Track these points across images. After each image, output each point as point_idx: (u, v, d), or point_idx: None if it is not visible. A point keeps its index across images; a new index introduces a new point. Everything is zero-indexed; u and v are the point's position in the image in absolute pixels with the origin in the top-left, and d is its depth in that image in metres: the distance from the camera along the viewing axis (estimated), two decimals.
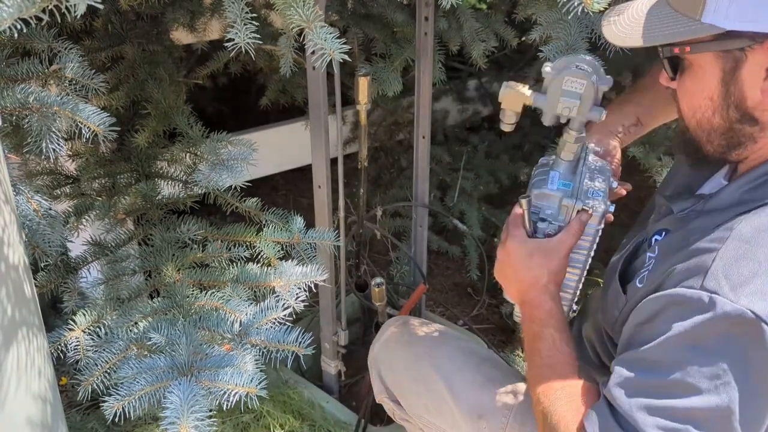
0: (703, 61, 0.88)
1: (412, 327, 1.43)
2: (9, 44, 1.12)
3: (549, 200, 1.08)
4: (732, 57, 0.85)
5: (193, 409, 0.84)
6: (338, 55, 0.81)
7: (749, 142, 0.90)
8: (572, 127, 1.08)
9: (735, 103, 0.88)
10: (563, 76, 1.04)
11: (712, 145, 0.93)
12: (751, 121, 0.88)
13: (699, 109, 0.92)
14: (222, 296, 1.12)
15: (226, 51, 0.83)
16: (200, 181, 1.35)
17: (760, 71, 0.83)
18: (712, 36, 0.84)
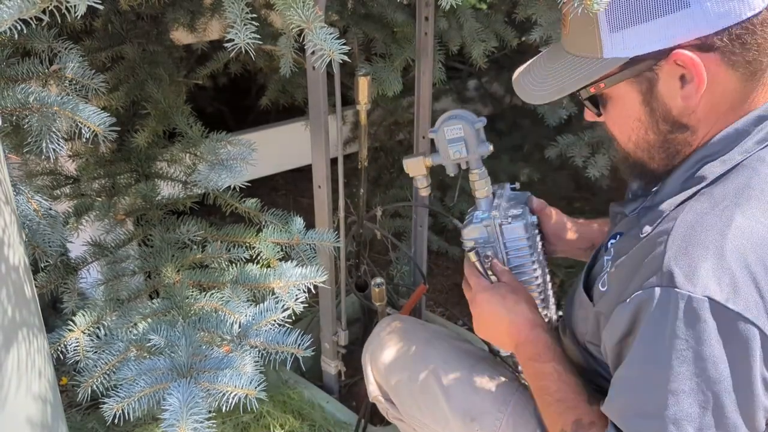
0: (619, 91, 0.93)
1: (406, 327, 1.43)
2: (9, 44, 1.11)
3: (478, 231, 1.22)
4: (645, 78, 0.90)
5: (193, 411, 0.84)
6: (338, 55, 0.81)
7: (685, 147, 0.94)
8: (472, 167, 1.23)
9: (662, 116, 0.93)
10: (442, 128, 1.19)
11: (654, 160, 0.97)
12: (682, 128, 0.93)
13: (632, 132, 0.97)
14: (221, 297, 1.12)
15: (226, 51, 0.83)
16: (200, 181, 1.35)
17: (675, 81, 0.88)
18: (619, 67, 0.90)
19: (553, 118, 1.89)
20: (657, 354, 0.82)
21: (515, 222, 1.21)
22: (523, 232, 1.21)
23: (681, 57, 0.85)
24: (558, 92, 0.96)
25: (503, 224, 1.21)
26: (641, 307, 0.83)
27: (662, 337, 0.81)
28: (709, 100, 0.89)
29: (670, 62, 0.87)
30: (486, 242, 1.22)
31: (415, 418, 1.32)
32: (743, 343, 0.78)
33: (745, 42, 0.85)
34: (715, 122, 0.91)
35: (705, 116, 0.91)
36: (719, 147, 0.90)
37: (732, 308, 0.78)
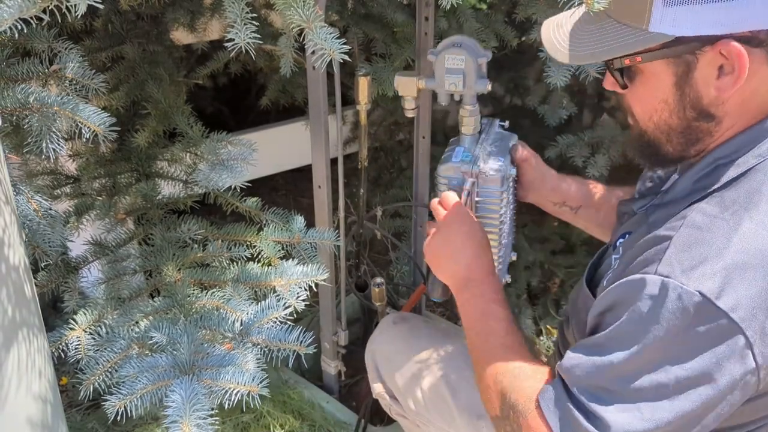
0: (654, 68, 0.90)
1: (411, 323, 1.42)
2: (9, 44, 1.12)
3: (454, 171, 1.18)
4: (684, 61, 0.87)
5: (195, 408, 0.84)
6: (338, 55, 0.81)
7: (706, 137, 0.92)
8: (465, 103, 1.19)
9: (691, 103, 0.90)
10: (443, 55, 1.13)
11: (671, 144, 0.95)
12: (708, 117, 0.90)
13: (655, 112, 0.94)
14: (223, 295, 1.12)
15: (226, 51, 0.83)
16: (200, 181, 1.35)
17: (713, 71, 0.86)
18: (661, 44, 0.86)
19: (553, 118, 1.89)
20: (635, 333, 0.83)
21: (492, 174, 1.17)
22: (498, 185, 1.17)
23: (730, 47, 0.83)
24: (591, 57, 0.92)
25: (480, 172, 1.17)
26: (633, 288, 0.84)
27: (647, 318, 0.82)
28: (741, 95, 0.87)
29: (715, 50, 0.84)
30: (459, 184, 1.18)
31: (420, 416, 1.31)
32: (722, 340, 0.79)
33: None
34: (739, 118, 0.89)
35: (733, 110, 0.89)
36: (734, 149, 0.89)
37: (720, 306, 0.78)
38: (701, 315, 0.79)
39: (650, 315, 0.81)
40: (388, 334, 1.41)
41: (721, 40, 0.83)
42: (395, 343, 1.38)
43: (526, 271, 2.22)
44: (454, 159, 1.19)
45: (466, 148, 1.22)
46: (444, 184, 1.20)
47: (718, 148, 0.90)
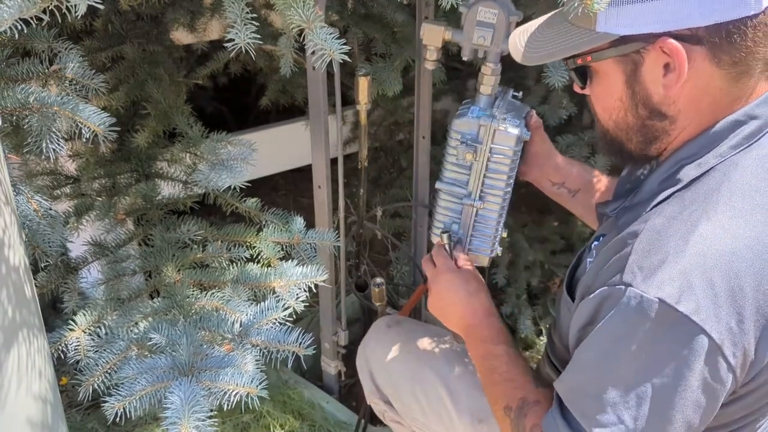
0: (606, 67, 0.93)
1: (406, 326, 1.41)
2: (9, 44, 1.11)
3: (469, 126, 1.17)
4: (630, 60, 0.90)
5: (194, 410, 0.84)
6: (338, 55, 0.81)
7: (664, 136, 0.94)
8: (488, 60, 1.17)
9: (642, 101, 0.92)
10: (477, 7, 1.12)
11: (632, 142, 0.97)
12: (660, 116, 0.92)
13: (613, 110, 0.96)
14: (222, 296, 1.12)
15: (226, 51, 0.83)
16: (200, 181, 1.35)
17: (659, 69, 0.88)
18: (608, 43, 0.89)
19: (553, 118, 1.89)
20: (608, 346, 0.85)
21: (511, 130, 1.15)
22: (513, 143, 1.17)
23: (668, 45, 0.85)
24: (547, 56, 0.96)
25: (498, 128, 1.16)
26: (602, 302, 0.86)
27: (615, 331, 0.84)
28: (690, 94, 0.89)
29: (657, 48, 0.86)
30: (473, 140, 1.17)
31: (417, 421, 1.31)
32: (687, 344, 0.80)
33: (734, 41, 0.84)
34: (694, 117, 0.91)
35: (685, 109, 0.91)
36: (695, 149, 0.90)
37: (681, 310, 0.79)
38: (664, 321, 0.80)
39: (619, 329, 0.83)
40: (382, 338, 1.40)
41: (660, 38, 0.85)
42: (390, 347, 1.37)
43: (526, 271, 2.22)
44: (471, 114, 1.18)
45: (482, 108, 1.20)
46: (456, 139, 1.18)
47: (682, 149, 0.92)
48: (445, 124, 2.86)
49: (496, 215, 1.23)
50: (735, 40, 0.84)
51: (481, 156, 1.18)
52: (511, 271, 2.19)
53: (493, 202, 1.21)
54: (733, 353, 0.80)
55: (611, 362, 0.85)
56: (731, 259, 0.80)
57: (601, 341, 0.86)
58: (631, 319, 0.82)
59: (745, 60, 0.86)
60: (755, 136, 0.88)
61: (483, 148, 1.17)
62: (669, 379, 0.82)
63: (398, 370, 1.33)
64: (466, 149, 1.17)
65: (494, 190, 1.20)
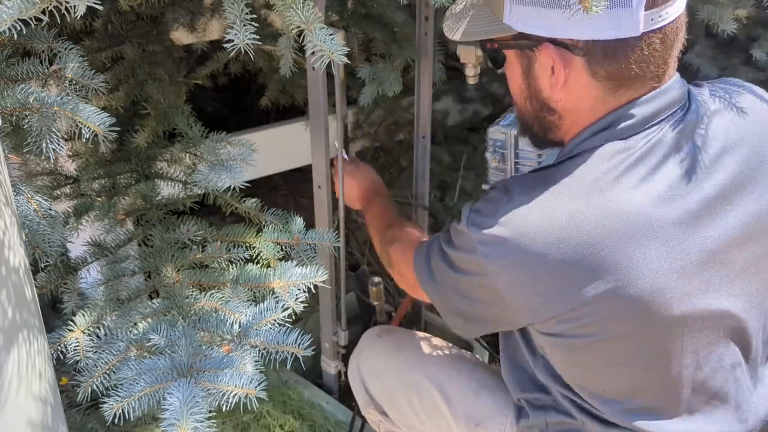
0: (510, 57, 1.03)
1: (397, 335, 1.41)
2: (9, 44, 1.11)
3: (497, 134, 1.31)
4: (526, 55, 0.98)
5: (193, 411, 0.84)
6: (338, 56, 0.81)
7: (554, 128, 1.04)
8: None
9: (534, 94, 1.02)
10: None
11: (534, 127, 1.07)
12: (550, 111, 1.01)
13: (518, 96, 1.07)
14: (221, 297, 1.12)
15: (226, 51, 0.83)
16: (200, 181, 1.34)
17: (547, 69, 0.96)
18: (511, 36, 0.97)
19: None
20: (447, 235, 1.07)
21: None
22: (533, 148, 1.26)
23: (548, 51, 0.94)
24: (464, 36, 1.04)
25: (519, 134, 1.26)
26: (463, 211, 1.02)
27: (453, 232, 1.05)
28: (571, 97, 0.97)
29: (544, 51, 0.94)
30: (501, 147, 1.31)
31: (414, 429, 1.30)
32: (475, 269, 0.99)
33: (610, 58, 0.91)
34: (578, 117, 0.99)
35: (569, 108, 0.99)
36: (575, 143, 0.98)
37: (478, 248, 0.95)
38: (463, 241, 0.99)
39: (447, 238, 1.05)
40: (373, 348, 1.40)
41: (545, 42, 0.93)
42: (382, 356, 1.37)
43: None
44: (502, 123, 1.31)
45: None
46: (491, 145, 1.32)
47: (576, 137, 0.99)
48: (445, 124, 2.88)
49: None
50: (610, 57, 0.91)
51: (508, 160, 1.31)
52: None
53: None
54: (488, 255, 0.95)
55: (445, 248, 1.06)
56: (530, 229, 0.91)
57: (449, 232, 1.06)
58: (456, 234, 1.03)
59: (620, 76, 0.93)
60: (627, 133, 0.94)
61: (509, 153, 1.30)
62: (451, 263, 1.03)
63: (392, 379, 1.33)
64: (493, 155, 1.32)
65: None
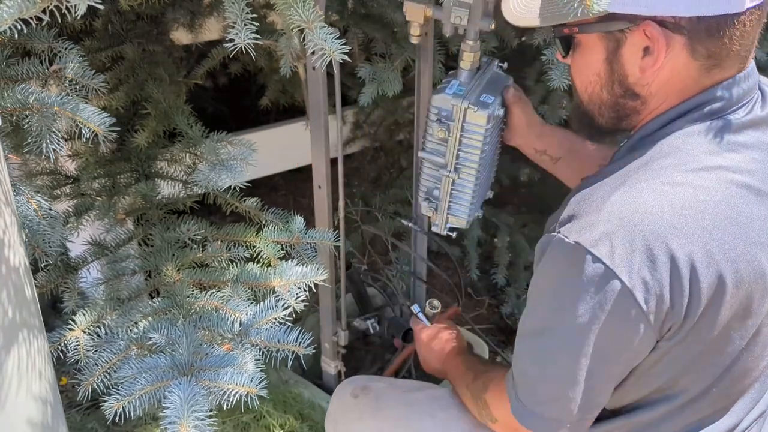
0: (590, 41, 0.97)
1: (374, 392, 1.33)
2: (9, 44, 1.11)
3: (444, 103, 1.22)
4: (614, 37, 0.94)
5: (194, 409, 0.84)
6: (338, 55, 0.81)
7: (634, 114, 0.99)
8: (467, 37, 1.22)
9: (618, 79, 0.97)
10: None
11: (603, 117, 1.03)
12: (634, 96, 0.97)
13: (589, 84, 1.01)
14: (222, 296, 1.12)
15: (222, 49, 0.83)
16: (200, 181, 1.35)
17: (638, 51, 0.92)
18: (596, 18, 0.92)
19: (553, 118, 1.89)
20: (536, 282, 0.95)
21: (480, 110, 1.21)
22: (484, 122, 1.21)
23: (650, 29, 0.89)
24: (534, 20, 0.99)
25: (468, 108, 1.21)
26: (541, 247, 0.94)
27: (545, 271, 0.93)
28: (664, 79, 0.93)
29: (640, 30, 0.90)
30: (447, 118, 1.23)
31: None
32: (600, 285, 0.85)
33: (712, 35, 0.88)
34: (665, 99, 0.95)
35: (657, 91, 0.95)
36: (660, 124, 0.95)
37: (595, 254, 0.85)
38: (579, 263, 0.86)
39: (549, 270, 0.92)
40: (349, 413, 1.32)
41: (645, 21, 0.89)
42: (365, 422, 1.29)
43: (526, 271, 2.22)
44: (448, 91, 1.23)
45: (462, 82, 1.26)
46: (435, 113, 1.25)
47: (650, 123, 0.96)
48: None
49: (472, 185, 1.30)
50: (713, 34, 0.88)
51: (454, 133, 1.24)
52: (511, 271, 2.19)
53: (468, 173, 1.28)
54: (645, 299, 0.84)
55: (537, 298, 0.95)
56: (649, 214, 0.85)
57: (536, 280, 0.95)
58: (556, 260, 0.90)
59: (719, 54, 0.90)
60: (717, 114, 0.92)
61: (455, 126, 1.23)
62: (581, 318, 0.87)
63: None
64: (439, 126, 1.24)
65: (468, 163, 1.27)
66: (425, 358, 1.40)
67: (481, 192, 1.37)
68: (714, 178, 0.89)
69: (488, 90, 1.26)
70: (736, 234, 0.88)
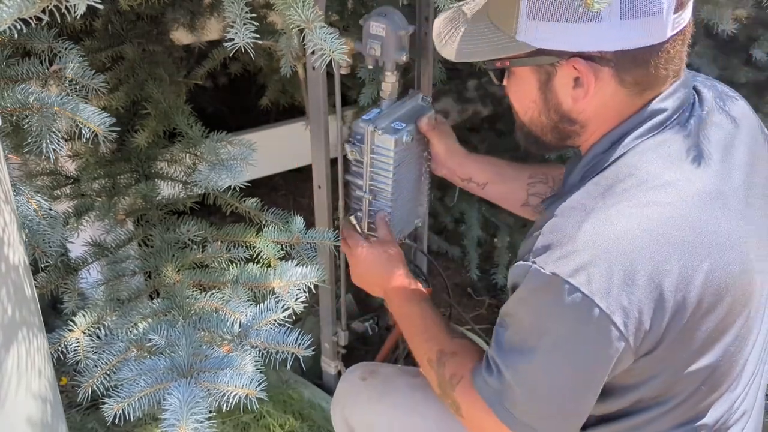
0: (523, 73, 1.01)
1: (382, 376, 1.34)
2: (9, 44, 1.11)
3: (358, 127, 1.32)
4: (544, 70, 0.97)
5: (193, 411, 0.84)
6: (338, 55, 0.81)
7: (576, 136, 1.02)
8: (385, 68, 1.31)
9: (553, 107, 1.00)
10: (369, 22, 1.26)
11: (547, 137, 1.06)
12: (570, 121, 1.00)
13: (528, 109, 1.04)
14: (222, 297, 1.12)
15: (223, 49, 0.83)
16: (200, 181, 1.35)
17: (569, 82, 0.95)
18: (526, 53, 0.95)
19: None
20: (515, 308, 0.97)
21: (386, 134, 1.28)
22: (391, 146, 1.28)
23: (578, 64, 0.92)
24: (468, 56, 1.02)
25: (375, 131, 1.29)
26: (516, 275, 0.95)
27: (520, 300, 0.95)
28: (597, 105, 0.97)
29: (569, 65, 0.93)
30: (360, 140, 1.32)
31: None
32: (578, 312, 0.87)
33: (639, 65, 0.92)
34: (602, 123, 0.98)
35: (593, 116, 0.98)
36: (609, 143, 0.97)
37: (573, 283, 0.86)
38: (558, 293, 0.88)
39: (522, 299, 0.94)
40: (357, 394, 1.33)
41: (573, 57, 0.92)
42: (372, 404, 1.30)
43: None
44: (364, 117, 1.32)
45: (382, 110, 1.34)
46: (351, 137, 1.34)
47: (599, 143, 0.99)
48: None
49: (388, 208, 1.37)
50: (639, 64, 0.92)
51: (365, 155, 1.32)
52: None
53: (383, 197, 1.36)
54: (624, 323, 0.87)
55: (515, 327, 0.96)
56: (622, 239, 0.87)
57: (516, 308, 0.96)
58: (533, 291, 0.92)
59: (647, 80, 0.94)
60: (661, 125, 0.96)
61: (366, 148, 1.31)
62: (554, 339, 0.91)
63: (384, 426, 1.27)
64: (351, 148, 1.33)
65: (381, 186, 1.35)
66: (362, 275, 1.35)
67: (401, 217, 1.43)
68: (675, 192, 0.91)
69: (403, 118, 1.34)
70: (706, 244, 0.90)
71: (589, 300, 0.86)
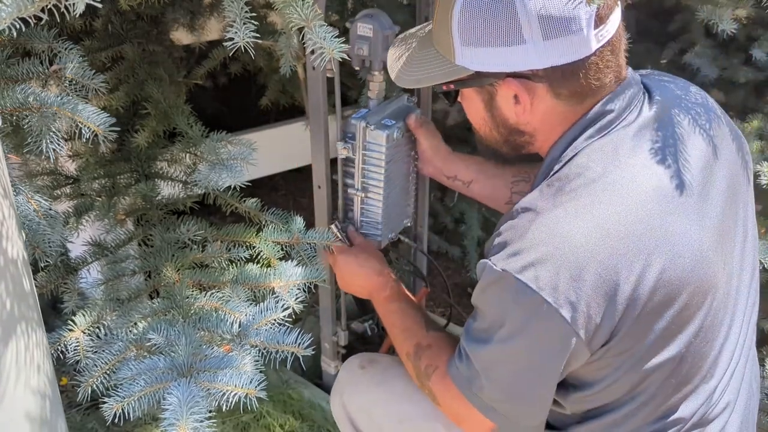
0: (468, 94, 1.08)
1: (382, 365, 1.37)
2: (9, 44, 1.11)
3: (351, 127, 1.35)
4: (486, 90, 1.04)
5: (193, 410, 0.84)
6: (337, 54, 0.81)
7: (528, 145, 1.09)
8: (372, 68, 1.34)
9: (501, 123, 1.07)
10: (356, 23, 1.29)
11: (503, 149, 1.12)
12: (519, 133, 1.07)
13: (480, 125, 1.11)
14: (221, 297, 1.12)
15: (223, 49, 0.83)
16: (200, 181, 1.35)
17: (510, 99, 1.02)
18: (467, 76, 1.02)
19: None
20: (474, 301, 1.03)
21: (378, 130, 1.32)
22: (383, 142, 1.32)
23: (512, 84, 0.99)
24: (415, 82, 1.10)
25: (367, 127, 1.32)
26: (479, 272, 1.00)
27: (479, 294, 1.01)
28: (540, 117, 1.02)
29: (506, 84, 1.00)
30: (351, 137, 1.35)
31: None
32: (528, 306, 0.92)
33: (570, 78, 0.97)
34: (551, 131, 1.04)
35: (540, 126, 1.04)
36: (563, 147, 1.02)
37: (522, 279, 0.91)
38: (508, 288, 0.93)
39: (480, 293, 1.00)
40: (357, 381, 1.35)
41: (507, 77, 0.98)
42: (370, 391, 1.32)
43: None
44: (355, 116, 1.35)
45: (371, 110, 1.38)
46: (343, 136, 1.37)
47: (554, 147, 1.04)
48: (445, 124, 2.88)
49: (380, 204, 1.40)
50: (570, 78, 0.97)
51: (357, 152, 1.35)
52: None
53: (375, 193, 1.39)
54: (572, 317, 0.91)
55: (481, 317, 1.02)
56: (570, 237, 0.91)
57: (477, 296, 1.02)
58: (488, 286, 0.98)
59: (582, 91, 0.99)
60: (610, 125, 1.00)
61: (358, 145, 1.34)
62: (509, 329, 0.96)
63: (383, 413, 1.28)
64: (343, 145, 1.36)
65: (373, 182, 1.38)
66: (347, 281, 1.40)
67: (392, 214, 1.46)
68: (623, 190, 0.94)
69: (392, 116, 1.38)
70: (654, 239, 0.93)
71: (537, 295, 0.91)
